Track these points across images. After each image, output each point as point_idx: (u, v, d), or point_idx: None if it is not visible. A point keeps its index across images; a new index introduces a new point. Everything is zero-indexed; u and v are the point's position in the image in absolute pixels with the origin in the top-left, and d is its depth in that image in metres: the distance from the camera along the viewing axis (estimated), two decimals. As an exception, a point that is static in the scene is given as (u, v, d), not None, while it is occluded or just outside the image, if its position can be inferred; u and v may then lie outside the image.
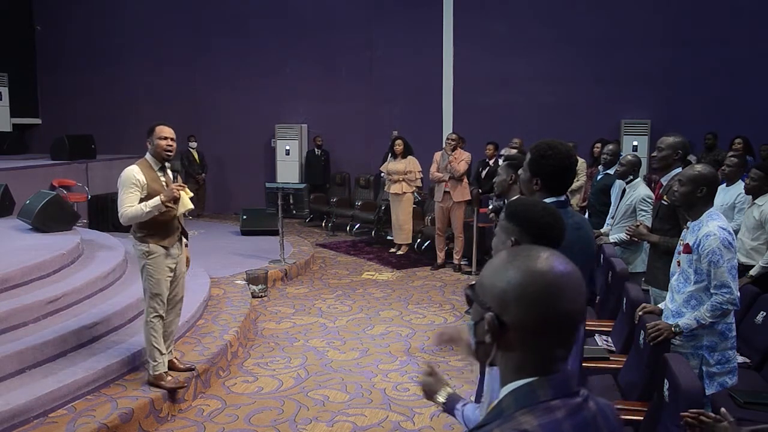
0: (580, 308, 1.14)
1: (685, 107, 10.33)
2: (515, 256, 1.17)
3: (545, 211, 2.08)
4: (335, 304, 6.99)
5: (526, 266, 1.13)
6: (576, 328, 1.14)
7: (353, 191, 12.07)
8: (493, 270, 1.17)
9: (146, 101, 12.83)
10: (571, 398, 1.11)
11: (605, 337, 4.28)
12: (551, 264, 1.13)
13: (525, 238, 2.03)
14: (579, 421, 1.09)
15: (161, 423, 4.16)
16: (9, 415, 3.57)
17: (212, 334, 5.33)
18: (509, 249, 1.22)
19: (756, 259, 4.75)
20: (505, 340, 1.13)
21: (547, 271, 1.12)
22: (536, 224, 2.04)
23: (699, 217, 3.23)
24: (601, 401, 1.19)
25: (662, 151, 4.27)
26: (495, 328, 1.13)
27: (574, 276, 1.14)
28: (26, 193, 7.39)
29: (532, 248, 1.19)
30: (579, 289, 1.13)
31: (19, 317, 4.45)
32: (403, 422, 4.24)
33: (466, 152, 8.45)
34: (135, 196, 4.10)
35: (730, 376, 3.23)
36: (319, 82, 12.43)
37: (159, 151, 4.20)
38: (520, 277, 1.12)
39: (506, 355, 1.15)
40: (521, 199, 2.38)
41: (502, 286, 1.13)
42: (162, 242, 4.22)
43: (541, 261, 1.14)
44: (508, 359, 1.15)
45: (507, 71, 11.26)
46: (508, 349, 1.14)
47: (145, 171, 4.17)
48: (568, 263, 1.15)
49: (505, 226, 2.09)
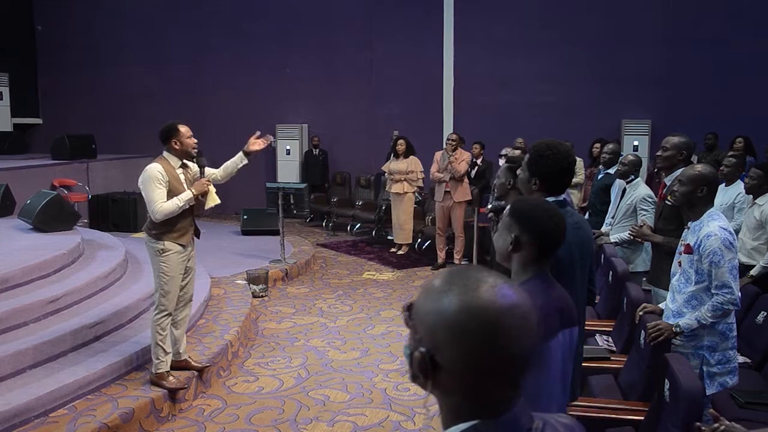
0: (527, 349, 0.98)
1: (685, 107, 10.33)
2: (453, 281, 1.00)
3: (549, 213, 2.09)
4: (336, 303, 6.99)
5: (463, 298, 0.96)
6: (525, 369, 0.99)
7: (354, 191, 12.06)
8: (428, 295, 1.01)
9: (147, 101, 12.82)
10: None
11: (606, 337, 4.28)
12: (492, 296, 0.96)
13: (525, 236, 2.05)
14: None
15: (162, 423, 4.16)
16: (9, 414, 3.58)
17: (213, 334, 5.33)
18: (450, 270, 1.04)
19: (757, 259, 4.75)
20: (440, 380, 0.98)
21: (487, 305, 0.95)
22: (539, 225, 2.05)
23: (700, 217, 3.22)
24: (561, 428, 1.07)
25: (667, 150, 4.26)
26: (427, 368, 0.98)
27: (520, 309, 0.97)
28: (27, 192, 7.39)
29: (473, 273, 1.01)
30: (526, 326, 0.97)
31: (19, 317, 4.45)
32: (403, 422, 4.25)
33: (466, 152, 8.46)
34: (163, 191, 4.15)
35: (731, 376, 3.23)
36: (319, 82, 12.42)
37: (188, 150, 4.29)
38: (453, 311, 0.96)
39: (444, 395, 1.01)
40: (527, 199, 2.39)
41: (433, 319, 0.98)
42: (178, 240, 4.25)
43: (481, 292, 0.96)
44: (447, 400, 1.01)
45: (507, 71, 11.26)
46: (444, 390, 1.00)
47: (166, 168, 4.22)
48: (515, 293, 0.99)
49: (507, 223, 2.11)
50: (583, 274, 2.61)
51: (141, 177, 4.20)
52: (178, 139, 4.26)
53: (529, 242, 2.04)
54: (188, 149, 4.29)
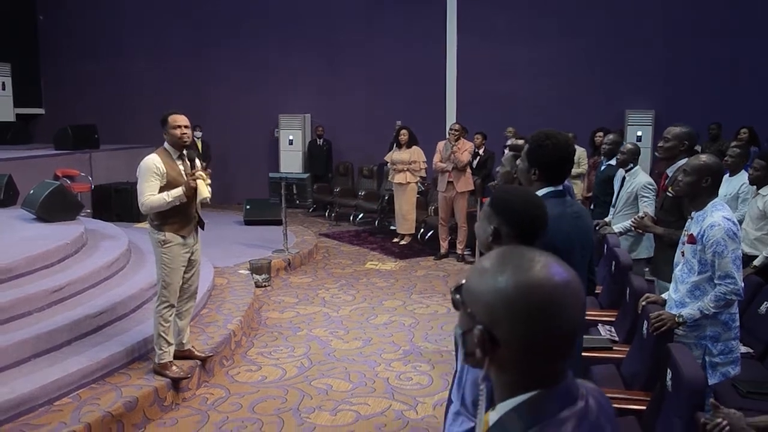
0: (580, 320, 1.05)
1: (689, 97, 10.29)
2: (507, 261, 1.04)
3: (529, 203, 2.07)
4: (338, 293, 7.00)
5: (519, 276, 1.01)
6: (576, 342, 1.05)
7: (356, 181, 12.06)
8: (482, 275, 1.05)
9: (149, 91, 12.82)
10: (575, 405, 1.04)
11: (608, 327, 4.28)
12: (548, 274, 1.01)
13: (504, 228, 2.03)
14: (587, 428, 1.03)
15: (165, 411, 4.18)
16: (14, 403, 3.60)
17: (216, 324, 5.35)
18: (501, 250, 1.09)
19: (760, 249, 4.73)
20: (499, 356, 1.02)
21: (543, 283, 1.00)
22: (518, 216, 2.03)
23: (703, 208, 3.22)
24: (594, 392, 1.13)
25: (668, 141, 4.25)
26: (486, 344, 1.02)
27: (573, 285, 1.03)
28: (30, 183, 7.39)
29: (526, 252, 1.06)
30: (579, 300, 1.03)
31: (23, 306, 4.47)
32: (406, 411, 4.26)
33: (469, 142, 8.44)
34: (155, 184, 4.10)
35: (733, 366, 3.23)
36: (322, 72, 12.40)
37: (175, 141, 4.21)
38: (512, 290, 1.00)
39: (501, 370, 1.05)
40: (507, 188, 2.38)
41: (491, 298, 1.02)
42: (179, 231, 4.22)
43: (537, 271, 1.01)
44: (504, 375, 1.05)
45: (510, 61, 11.22)
46: (502, 365, 1.04)
47: (164, 160, 4.17)
48: (566, 270, 1.04)
49: (487, 213, 2.09)
50: (583, 264, 2.60)
51: (138, 167, 4.17)
52: (166, 129, 4.22)
53: (509, 233, 2.02)
54: (176, 140, 4.21)
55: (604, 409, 1.11)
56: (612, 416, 1.13)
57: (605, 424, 1.09)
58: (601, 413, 1.09)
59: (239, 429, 4.01)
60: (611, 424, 1.11)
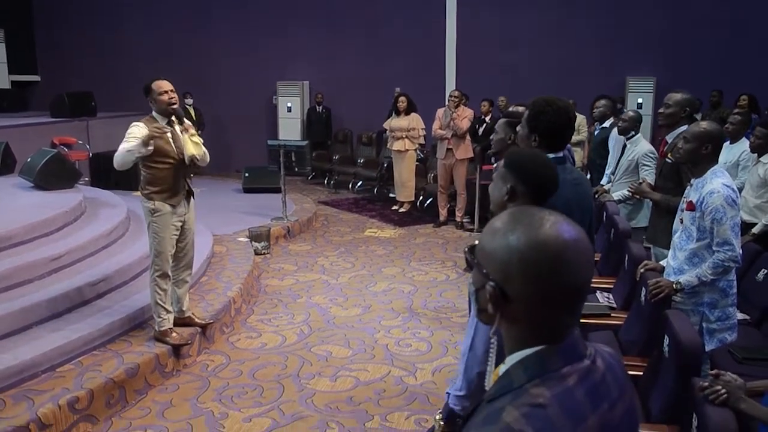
0: (588, 277, 1.08)
1: (690, 64, 10.19)
2: (518, 220, 1.09)
3: (541, 163, 2.16)
4: (338, 261, 7.02)
5: (530, 234, 1.06)
6: (584, 297, 1.10)
7: (355, 148, 12.01)
8: (495, 235, 1.10)
9: (146, 58, 12.65)
10: (580, 362, 1.08)
11: (607, 294, 4.30)
12: (558, 232, 1.06)
13: (521, 187, 2.11)
14: (590, 385, 1.07)
15: (166, 378, 4.22)
16: (17, 369, 3.63)
17: (216, 291, 5.37)
18: (511, 211, 1.14)
19: (759, 217, 4.74)
20: (509, 311, 1.08)
21: (553, 240, 1.05)
22: (534, 175, 2.12)
23: (703, 175, 3.21)
24: (606, 355, 1.17)
25: (669, 107, 4.22)
26: (498, 300, 1.08)
27: (582, 242, 1.07)
28: (27, 151, 7.36)
29: (536, 212, 1.10)
30: (587, 257, 1.08)
31: (23, 274, 4.48)
32: (405, 377, 4.30)
33: (468, 109, 8.37)
34: (131, 143, 4.02)
35: (730, 333, 3.26)
36: (321, 38, 12.25)
37: (164, 107, 4.15)
38: (524, 246, 1.05)
39: (511, 325, 1.10)
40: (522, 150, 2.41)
41: (504, 255, 1.07)
42: (168, 200, 4.20)
43: (547, 228, 1.06)
44: (514, 329, 1.11)
45: (511, 28, 11.08)
46: (512, 320, 1.09)
47: (149, 126, 4.12)
48: (575, 228, 1.08)
49: (503, 174, 2.17)
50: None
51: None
52: (151, 97, 4.16)
53: (525, 192, 2.11)
54: (164, 107, 4.15)
55: (614, 371, 1.15)
56: (622, 381, 1.16)
57: (612, 387, 1.12)
58: (610, 375, 1.12)
59: (240, 395, 4.06)
60: (620, 388, 1.14)
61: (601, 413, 1.07)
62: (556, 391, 1.03)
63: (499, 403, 1.04)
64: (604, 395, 1.09)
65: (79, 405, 3.56)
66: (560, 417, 1.01)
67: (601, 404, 1.08)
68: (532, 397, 1.03)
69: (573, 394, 1.05)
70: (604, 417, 1.07)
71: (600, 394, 1.09)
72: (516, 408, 1.01)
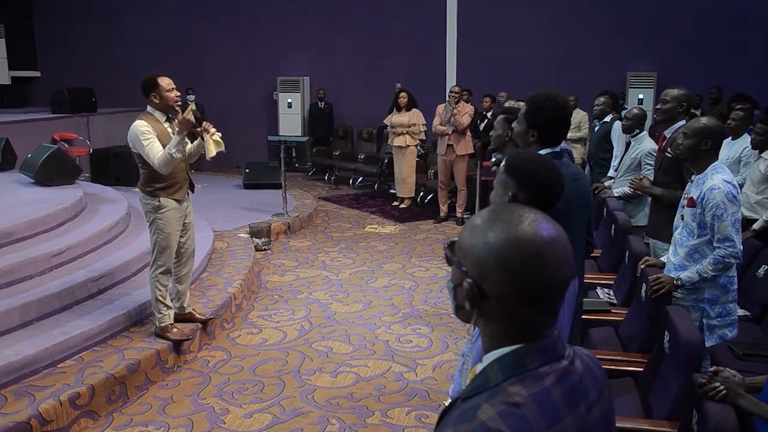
0: (567, 276, 1.07)
1: (691, 60, 10.18)
2: (497, 217, 1.08)
3: (545, 167, 2.06)
4: (338, 257, 7.02)
5: (508, 232, 1.04)
6: (562, 296, 1.08)
7: (356, 144, 12.00)
8: (473, 231, 1.09)
9: (146, 53, 12.64)
10: (559, 363, 1.08)
11: (607, 290, 4.31)
12: (535, 230, 1.04)
13: (522, 194, 2.02)
14: (567, 386, 1.06)
15: (167, 373, 4.23)
16: (19, 365, 3.64)
17: (216, 287, 5.37)
18: (491, 208, 1.12)
19: (760, 213, 4.73)
20: (486, 308, 1.07)
21: (531, 238, 1.03)
22: (535, 181, 2.02)
23: (704, 171, 3.21)
24: (585, 357, 1.16)
25: (666, 103, 4.23)
26: (474, 297, 1.06)
27: (560, 241, 1.06)
28: (27, 147, 7.36)
29: (515, 210, 1.09)
30: (565, 256, 1.06)
31: (24, 270, 4.49)
32: (405, 373, 4.31)
33: (469, 105, 8.36)
34: (157, 143, 4.03)
35: (730, 329, 3.26)
36: (321, 34, 12.23)
37: (170, 104, 4.12)
38: (501, 244, 1.04)
39: (488, 322, 1.09)
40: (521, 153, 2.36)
41: (481, 252, 1.05)
42: (173, 195, 4.19)
43: (525, 226, 1.05)
44: (491, 327, 1.09)
45: (512, 23, 11.07)
46: (489, 317, 1.08)
47: (152, 124, 4.10)
48: (554, 226, 1.07)
49: (503, 180, 2.08)
50: (581, 227, 2.60)
51: (128, 136, 4.10)
52: (158, 92, 4.11)
53: (527, 199, 2.01)
54: (169, 103, 4.12)
55: (593, 373, 1.14)
56: (600, 383, 1.15)
57: (590, 389, 1.11)
58: (588, 377, 1.12)
59: (240, 391, 4.06)
60: (598, 390, 1.13)
61: (578, 414, 1.07)
62: (533, 390, 1.03)
63: (475, 401, 1.04)
64: (581, 397, 1.09)
65: (80, 401, 3.56)
66: (536, 416, 1.00)
67: (578, 405, 1.07)
68: (509, 395, 1.02)
69: (550, 394, 1.04)
70: (581, 418, 1.07)
71: (578, 395, 1.08)
72: (492, 406, 1.01)
